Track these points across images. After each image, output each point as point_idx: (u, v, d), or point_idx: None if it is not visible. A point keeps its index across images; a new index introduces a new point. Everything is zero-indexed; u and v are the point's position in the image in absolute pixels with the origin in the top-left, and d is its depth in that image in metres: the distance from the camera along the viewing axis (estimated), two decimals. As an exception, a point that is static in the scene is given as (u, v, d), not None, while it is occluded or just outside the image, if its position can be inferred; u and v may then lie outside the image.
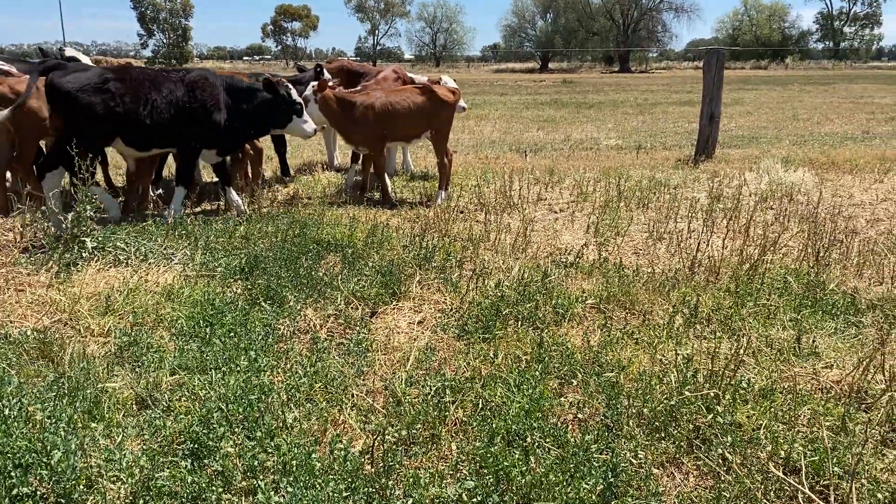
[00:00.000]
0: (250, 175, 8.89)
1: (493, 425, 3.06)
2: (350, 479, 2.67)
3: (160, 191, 8.56)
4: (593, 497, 2.66)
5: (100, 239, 5.77)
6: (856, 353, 4.03)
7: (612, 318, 4.70)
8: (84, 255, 5.58)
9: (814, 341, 4.18)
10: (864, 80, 41.13)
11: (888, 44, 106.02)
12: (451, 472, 2.83)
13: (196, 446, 2.89)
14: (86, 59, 9.35)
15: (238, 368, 3.68)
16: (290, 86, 7.51)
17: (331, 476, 2.68)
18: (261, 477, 2.72)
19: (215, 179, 8.27)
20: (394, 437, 3.03)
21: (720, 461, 2.97)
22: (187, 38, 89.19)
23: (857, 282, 5.41)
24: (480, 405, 3.37)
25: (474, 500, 2.61)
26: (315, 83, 8.09)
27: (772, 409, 3.33)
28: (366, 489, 2.65)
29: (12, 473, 2.58)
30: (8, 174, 7.76)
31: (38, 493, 2.59)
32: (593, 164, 11.08)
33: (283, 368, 3.79)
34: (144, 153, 7.37)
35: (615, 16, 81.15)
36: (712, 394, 3.35)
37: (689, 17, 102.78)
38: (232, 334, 4.18)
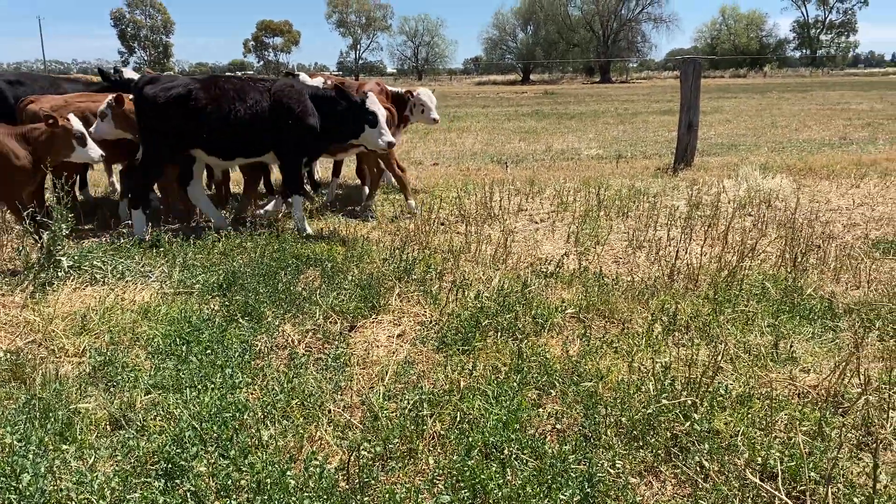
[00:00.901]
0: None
1: (471, 438, 3.04)
2: (325, 497, 2.65)
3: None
4: (571, 508, 2.64)
5: (76, 258, 5.71)
6: (833, 358, 4.05)
7: (592, 328, 4.70)
8: (60, 274, 5.52)
9: (791, 346, 4.20)
10: (841, 87, 41.65)
11: (864, 51, 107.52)
12: (427, 487, 2.80)
13: (169, 466, 2.85)
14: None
15: (213, 386, 3.64)
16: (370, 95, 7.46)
17: (305, 494, 2.65)
18: (234, 496, 2.68)
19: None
20: (370, 453, 3.00)
21: (698, 469, 2.96)
22: (168, 54, 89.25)
23: (835, 286, 5.44)
24: (458, 418, 3.35)
25: (451, 514, 2.59)
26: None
27: (749, 416, 3.34)
28: (341, 506, 2.62)
29: (-21, 499, 2.53)
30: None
31: (6, 518, 2.55)
32: (574, 174, 11.12)
33: (260, 385, 3.75)
34: (228, 162, 7.48)
35: (595, 27, 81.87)
36: (690, 401, 3.35)
37: (668, 28, 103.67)
38: (208, 352, 4.14)
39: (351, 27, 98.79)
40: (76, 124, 6.25)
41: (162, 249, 6.31)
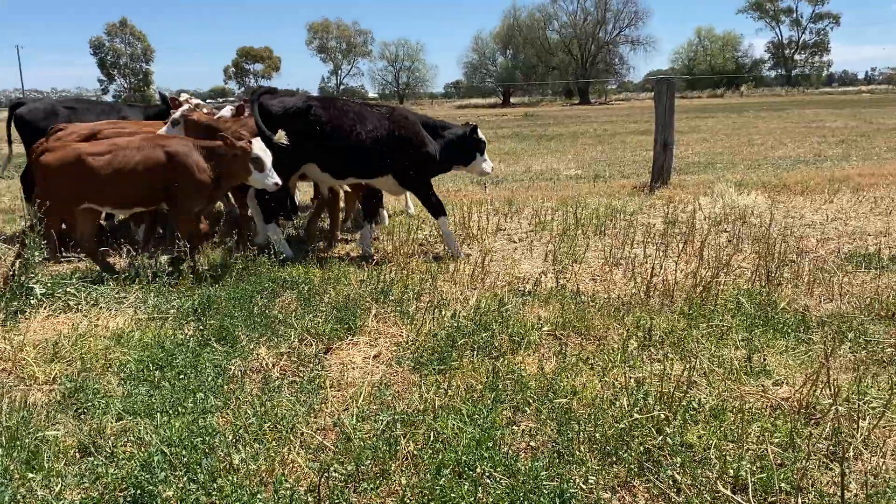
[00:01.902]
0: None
1: (443, 457, 3.02)
2: (295, 519, 2.62)
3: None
4: (543, 525, 2.63)
5: (49, 285, 5.66)
6: (805, 370, 4.08)
7: (568, 345, 4.70)
8: (32, 301, 5.46)
9: (764, 360, 4.23)
10: (816, 105, 42.33)
11: (838, 70, 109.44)
12: (399, 507, 2.78)
13: (137, 492, 2.82)
14: (198, 101, 9.52)
15: (185, 411, 3.61)
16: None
17: (275, 516, 2.62)
18: (203, 521, 2.64)
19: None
20: (341, 474, 2.98)
21: (670, 482, 2.96)
22: (149, 82, 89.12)
23: (808, 300, 5.50)
24: (432, 437, 3.33)
25: (422, 533, 2.57)
26: None
27: (722, 429, 3.35)
28: (311, 528, 2.60)
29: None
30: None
31: (-32, 548, 2.50)
32: (552, 194, 11.20)
33: (233, 409, 3.71)
34: (340, 181, 7.59)
35: (573, 50, 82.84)
36: (663, 416, 3.35)
37: (645, 50, 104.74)
38: (181, 376, 4.10)
39: (331, 53, 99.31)
40: (256, 148, 6.26)
41: (136, 275, 6.26)
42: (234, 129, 6.95)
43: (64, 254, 7.17)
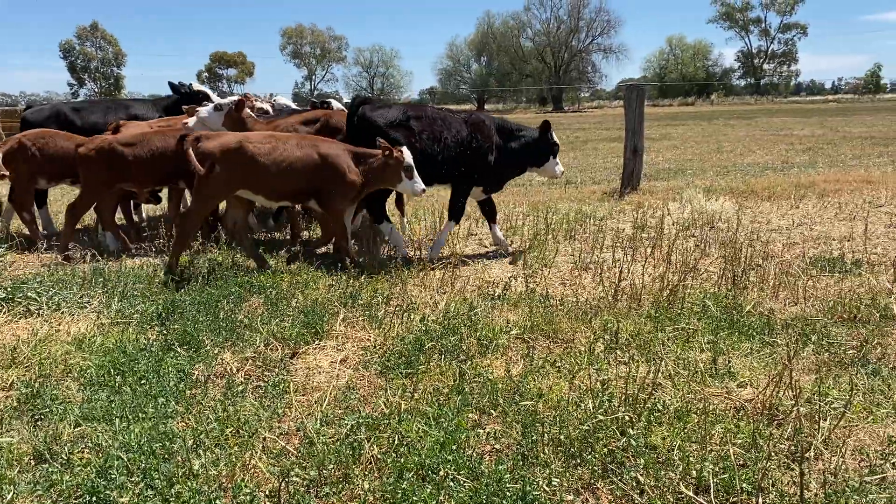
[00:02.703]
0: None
1: (405, 460, 2.99)
2: (254, 524, 2.57)
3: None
4: (506, 528, 2.61)
5: (9, 289, 5.54)
6: (769, 372, 4.11)
7: (536, 348, 4.70)
8: (-9, 306, 5.34)
9: (729, 362, 4.26)
10: (784, 114, 43.01)
11: (805, 79, 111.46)
12: (361, 511, 2.75)
13: (93, 499, 2.75)
14: (214, 96, 9.99)
15: (146, 416, 3.54)
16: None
17: (234, 522, 2.57)
18: (159, 527, 2.59)
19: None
20: (302, 479, 2.94)
21: (634, 484, 2.96)
22: (120, 86, 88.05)
23: (773, 303, 5.56)
24: (397, 441, 3.30)
25: (384, 537, 2.54)
26: None
27: (685, 430, 3.36)
28: (271, 533, 2.55)
29: None
30: None
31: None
32: (523, 200, 11.22)
33: (195, 414, 3.65)
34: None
35: (547, 58, 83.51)
36: (627, 417, 3.36)
37: (617, 58, 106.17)
38: (143, 382, 4.03)
39: (306, 58, 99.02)
40: (408, 157, 6.56)
41: (101, 279, 6.16)
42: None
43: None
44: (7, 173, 7.79)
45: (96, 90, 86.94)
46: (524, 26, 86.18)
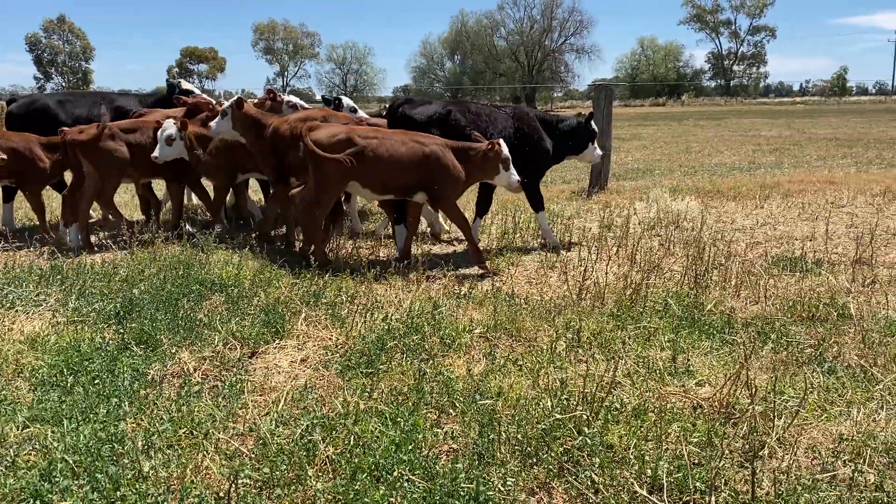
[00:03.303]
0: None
1: (359, 461, 2.96)
2: (202, 527, 2.52)
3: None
4: (459, 528, 2.59)
5: (-40, 287, 5.40)
6: (728, 370, 4.14)
7: (498, 346, 4.69)
8: (-58, 305, 5.20)
9: (688, 360, 4.28)
10: (753, 115, 43.59)
11: (774, 81, 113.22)
12: (313, 513, 2.71)
13: (36, 503, 2.68)
14: (197, 92, 10.07)
15: (97, 417, 3.46)
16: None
17: (181, 525, 2.52)
18: (104, 531, 2.53)
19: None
20: (254, 480, 2.89)
21: (589, 483, 2.96)
22: (88, 81, 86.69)
23: (735, 302, 5.60)
24: (352, 442, 3.26)
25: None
26: None
27: (642, 429, 3.36)
28: (219, 537, 2.51)
29: None
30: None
31: None
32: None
33: (148, 415, 3.58)
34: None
35: (520, 57, 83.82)
36: (584, 416, 3.35)
37: (590, 58, 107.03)
38: (96, 382, 3.95)
39: (278, 54, 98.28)
40: (505, 150, 6.65)
41: (59, 277, 6.03)
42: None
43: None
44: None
45: (64, 84, 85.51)
46: (498, 25, 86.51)
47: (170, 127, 7.52)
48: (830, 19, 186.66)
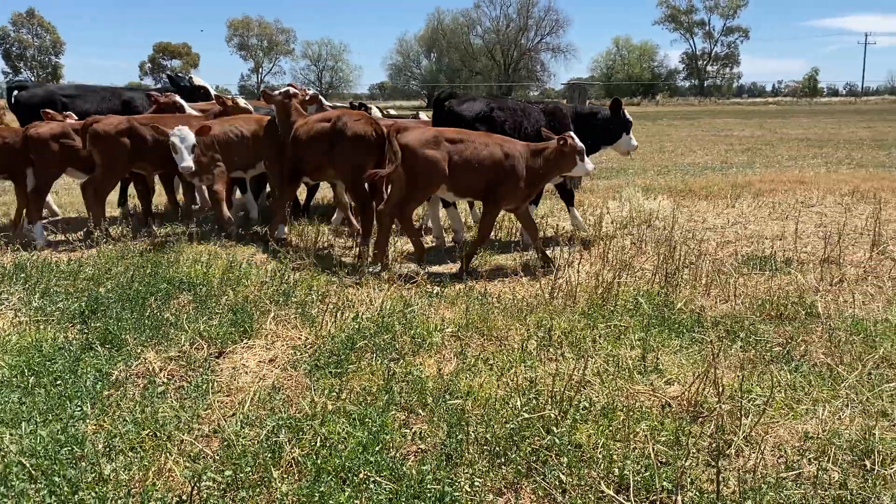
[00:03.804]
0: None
1: (325, 463, 2.92)
2: (162, 532, 2.47)
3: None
4: (425, 530, 2.57)
5: (-80, 286, 5.27)
6: (697, 369, 4.16)
7: (470, 345, 4.67)
8: None
9: (657, 359, 4.29)
10: (726, 115, 44.03)
11: (747, 81, 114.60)
12: (277, 516, 2.67)
13: (-9, 508, 2.61)
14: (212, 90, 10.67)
15: (58, 418, 3.39)
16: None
17: (141, 530, 2.47)
18: (60, 537, 2.47)
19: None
20: (218, 483, 2.84)
21: (557, 483, 2.95)
22: (58, 76, 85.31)
23: (705, 300, 5.63)
24: (318, 443, 3.22)
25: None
26: None
27: (611, 428, 3.36)
28: (180, 541, 2.46)
29: None
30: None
31: None
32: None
33: (111, 416, 3.51)
34: None
35: (496, 56, 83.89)
36: (553, 415, 3.34)
37: (565, 57, 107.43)
38: (58, 382, 3.86)
39: (252, 51, 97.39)
40: (578, 141, 6.68)
41: (23, 275, 5.92)
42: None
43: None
44: None
45: (33, 79, 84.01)
46: (474, 24, 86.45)
47: (188, 135, 7.32)
48: (802, 21, 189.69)
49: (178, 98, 9.08)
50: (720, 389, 3.49)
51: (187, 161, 7.21)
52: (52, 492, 2.68)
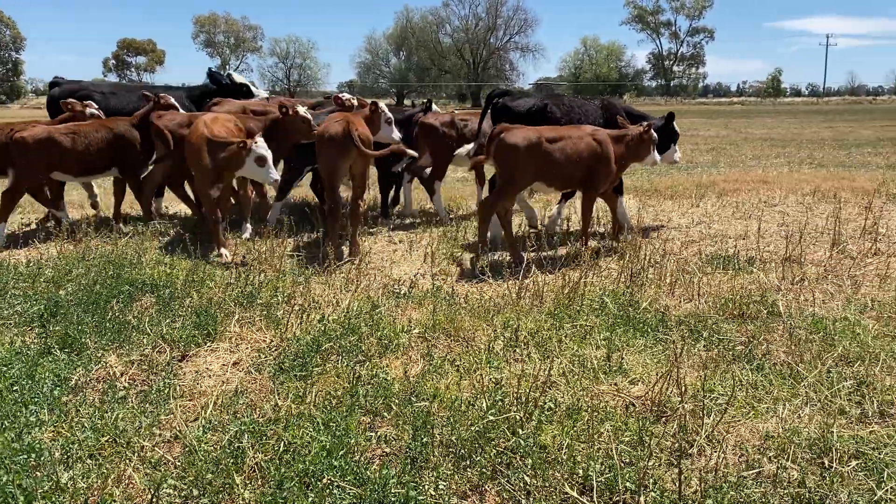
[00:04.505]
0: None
1: (288, 468, 2.89)
2: (120, 541, 2.43)
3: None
4: (389, 535, 2.55)
5: None
6: (661, 368, 4.20)
7: (437, 347, 4.66)
8: None
9: (622, 358, 4.32)
10: (692, 115, 44.60)
11: (713, 82, 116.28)
12: (239, 523, 2.64)
13: (-58, 520, 2.54)
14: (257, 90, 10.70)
15: (13, 426, 3.31)
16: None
17: (98, 540, 2.42)
18: (14, 548, 2.41)
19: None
20: (176, 490, 2.79)
21: (521, 485, 2.95)
22: (19, 72, 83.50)
23: (669, 300, 5.69)
24: (282, 448, 3.19)
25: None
26: None
27: (575, 428, 3.38)
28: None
29: None
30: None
31: None
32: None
33: (69, 422, 3.44)
34: None
35: (465, 55, 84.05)
36: (518, 416, 3.35)
37: (534, 57, 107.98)
38: (15, 388, 3.77)
39: (219, 48, 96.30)
40: (653, 133, 7.14)
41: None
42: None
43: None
44: None
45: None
46: (443, 22, 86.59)
47: (262, 148, 6.98)
48: (766, 22, 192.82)
49: (172, 100, 8.83)
50: (683, 389, 3.53)
51: (274, 174, 7.06)
52: (6, 502, 2.62)
